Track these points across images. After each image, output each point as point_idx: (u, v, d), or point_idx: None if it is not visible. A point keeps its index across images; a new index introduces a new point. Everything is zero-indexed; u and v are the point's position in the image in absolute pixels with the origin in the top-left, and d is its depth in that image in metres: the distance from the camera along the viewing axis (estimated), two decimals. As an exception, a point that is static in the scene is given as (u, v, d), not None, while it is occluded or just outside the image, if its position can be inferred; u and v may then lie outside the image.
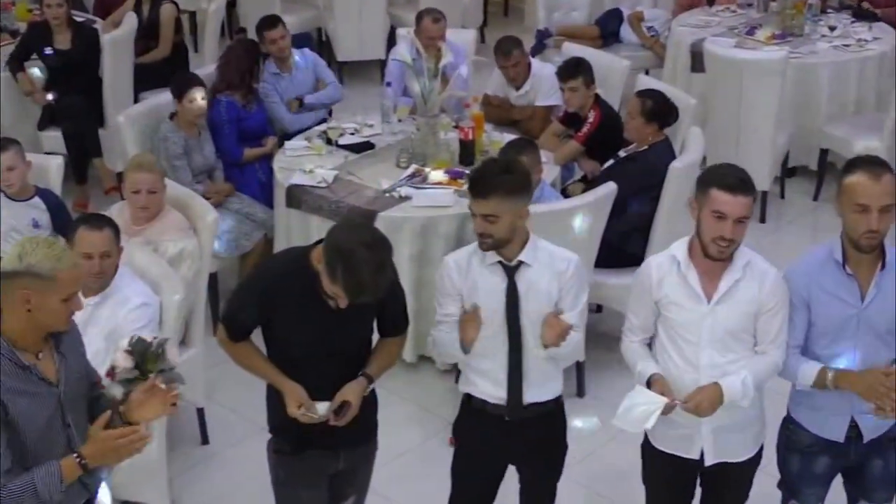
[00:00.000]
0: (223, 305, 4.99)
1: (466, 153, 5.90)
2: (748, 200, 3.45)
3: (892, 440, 3.68)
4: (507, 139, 5.73)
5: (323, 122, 6.75)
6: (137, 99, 7.28)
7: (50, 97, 7.13)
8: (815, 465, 3.73)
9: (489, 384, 3.74)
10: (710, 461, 3.70)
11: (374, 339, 3.73)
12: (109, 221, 4.32)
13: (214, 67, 6.52)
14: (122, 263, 4.31)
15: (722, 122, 7.03)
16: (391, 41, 8.42)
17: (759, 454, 3.78)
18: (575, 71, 6.16)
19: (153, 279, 4.47)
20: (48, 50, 7.14)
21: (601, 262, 5.26)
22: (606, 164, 5.82)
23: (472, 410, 3.83)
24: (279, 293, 3.50)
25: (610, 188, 5.13)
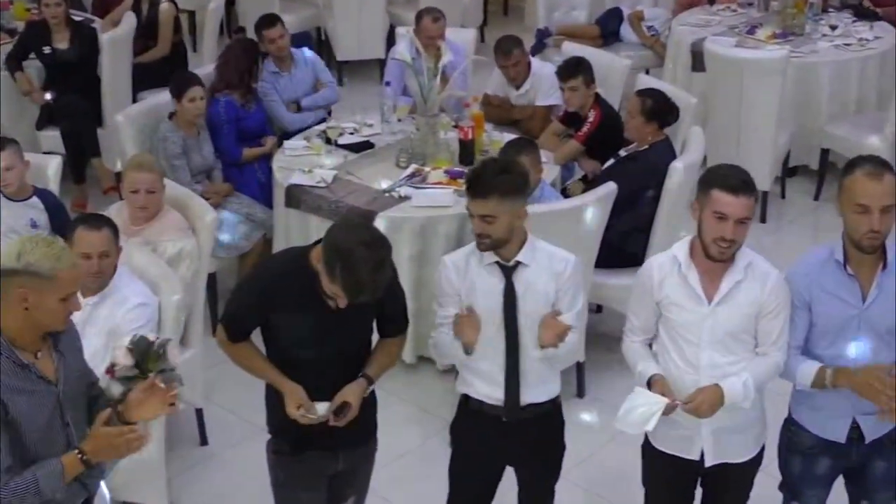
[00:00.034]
0: (222, 306, 4.97)
1: (466, 153, 5.89)
2: (749, 201, 3.44)
3: (893, 441, 3.66)
4: (507, 139, 5.72)
5: (322, 121, 6.74)
6: (136, 98, 7.27)
7: (48, 97, 7.12)
8: (816, 466, 3.72)
9: (486, 385, 3.73)
10: (710, 462, 3.69)
11: (373, 339, 3.72)
12: (108, 221, 4.32)
13: (213, 67, 6.50)
14: (120, 263, 4.31)
15: (722, 121, 7.01)
16: (391, 40, 8.41)
17: (759, 455, 3.77)
18: (575, 70, 6.15)
19: (152, 279, 4.46)
20: (46, 49, 7.13)
21: (601, 262, 5.25)
22: (607, 163, 5.81)
23: (469, 411, 3.82)
24: (278, 293, 3.49)
25: (610, 188, 5.11)
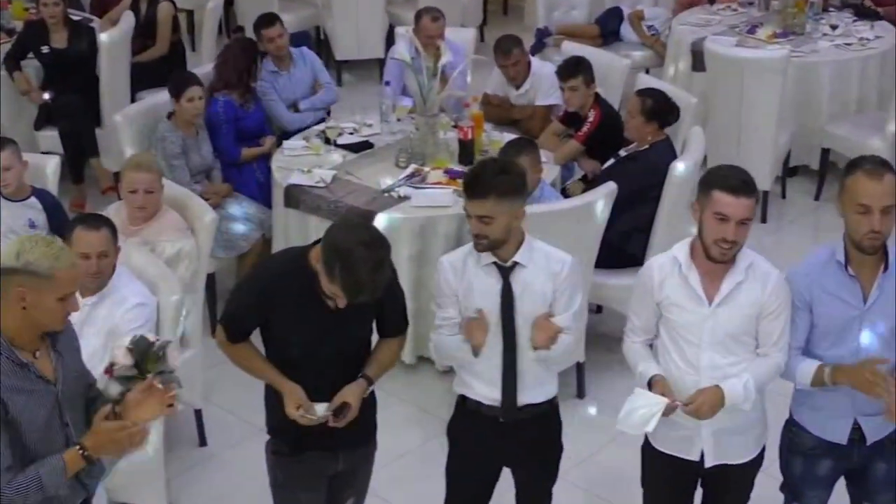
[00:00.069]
0: (221, 306, 4.96)
1: (466, 153, 5.88)
2: (750, 202, 3.43)
3: (894, 442, 3.65)
4: (506, 139, 5.71)
5: (321, 121, 6.73)
6: (134, 98, 7.26)
7: (46, 96, 7.11)
8: (817, 467, 3.71)
9: (484, 385, 3.72)
10: (710, 463, 3.68)
11: (373, 340, 3.71)
12: (107, 221, 4.31)
13: (212, 66, 6.49)
14: (119, 263, 4.30)
15: (723, 121, 7.00)
16: (390, 40, 8.40)
17: (760, 456, 3.76)
18: (575, 70, 6.14)
19: (150, 279, 4.45)
20: (45, 49, 7.12)
21: (601, 262, 5.24)
22: (607, 163, 5.80)
23: (466, 412, 3.81)
24: (278, 293, 3.48)
25: (610, 188, 5.10)
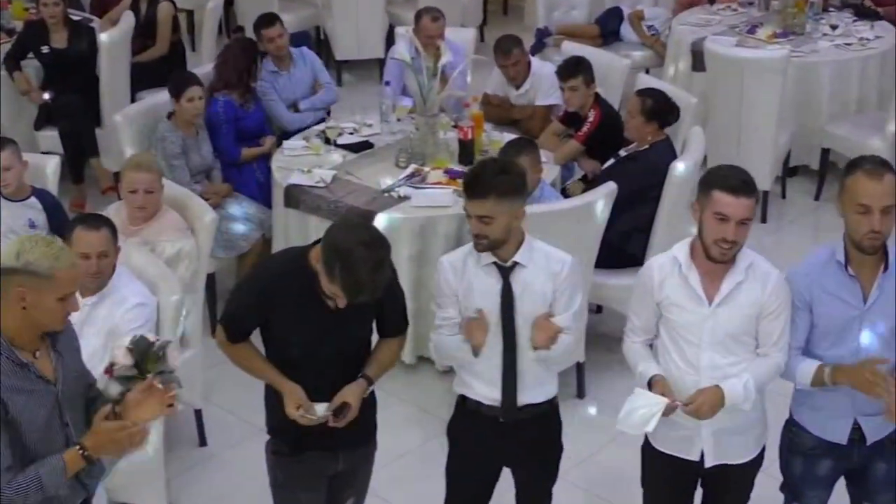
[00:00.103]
0: (221, 306, 4.96)
1: (466, 153, 5.87)
2: (750, 202, 3.43)
3: (894, 443, 3.65)
4: (506, 139, 5.71)
5: (322, 121, 6.72)
6: (134, 98, 7.26)
7: (46, 96, 7.10)
8: (817, 467, 3.71)
9: (484, 385, 3.71)
10: (710, 463, 3.68)
11: (373, 340, 3.70)
12: (107, 221, 4.31)
13: (212, 66, 6.49)
14: (119, 263, 4.29)
15: (723, 121, 7.00)
16: (390, 40, 8.40)
17: (760, 456, 3.76)
18: (575, 70, 6.14)
19: (150, 279, 4.45)
20: (45, 49, 7.12)
21: (601, 262, 5.23)
22: (607, 163, 5.80)
23: (466, 412, 3.81)
24: (278, 293, 3.48)
25: (610, 188, 5.10)
